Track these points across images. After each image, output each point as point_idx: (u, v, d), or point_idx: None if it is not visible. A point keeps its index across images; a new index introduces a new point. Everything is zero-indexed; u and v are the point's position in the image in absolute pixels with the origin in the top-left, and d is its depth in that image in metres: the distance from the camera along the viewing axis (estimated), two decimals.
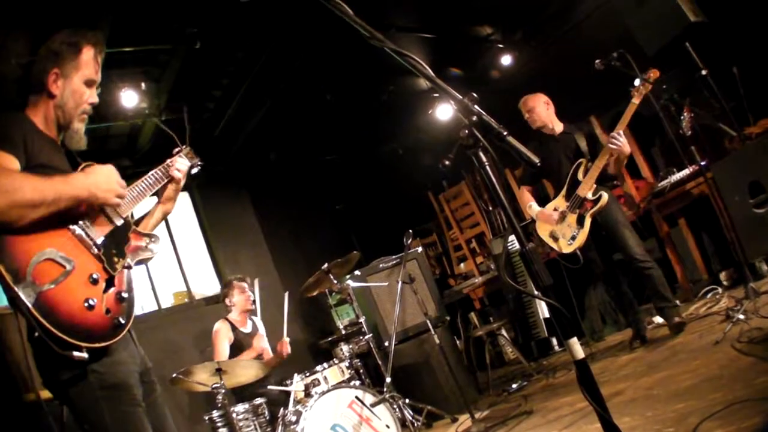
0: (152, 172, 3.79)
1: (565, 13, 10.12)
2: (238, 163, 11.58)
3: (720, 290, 7.48)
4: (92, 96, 3.53)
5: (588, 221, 6.83)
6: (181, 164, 3.91)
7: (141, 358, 3.45)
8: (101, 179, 3.25)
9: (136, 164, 9.98)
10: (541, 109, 7.36)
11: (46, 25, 6.65)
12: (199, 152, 4.27)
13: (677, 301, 7.58)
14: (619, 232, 6.93)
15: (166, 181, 3.84)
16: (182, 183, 3.94)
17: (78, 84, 3.45)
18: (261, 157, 12.02)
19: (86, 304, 2.96)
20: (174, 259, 10.67)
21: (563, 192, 7.12)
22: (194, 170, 4.36)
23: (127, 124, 9.25)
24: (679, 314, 6.76)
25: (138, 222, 3.80)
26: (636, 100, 6.55)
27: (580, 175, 6.97)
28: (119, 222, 3.44)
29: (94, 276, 3.08)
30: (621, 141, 6.59)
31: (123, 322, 3.12)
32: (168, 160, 3.92)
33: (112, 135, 9.65)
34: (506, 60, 10.97)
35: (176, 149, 4.20)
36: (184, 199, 11.24)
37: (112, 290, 3.15)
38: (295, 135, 11.83)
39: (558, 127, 7.39)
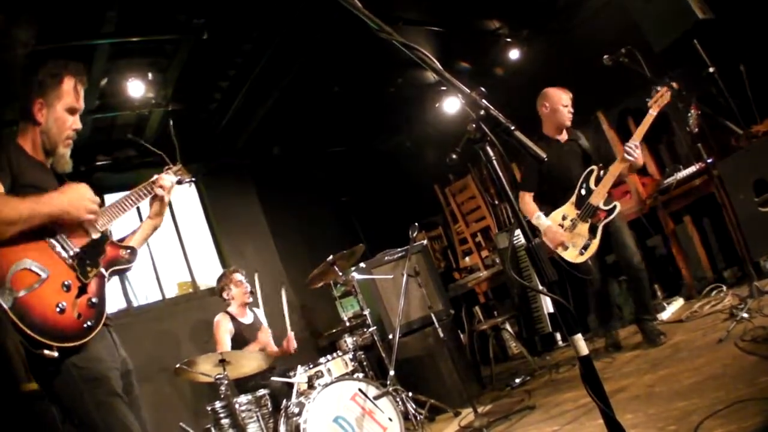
0: (136, 188, 4.08)
1: (574, 8, 10.11)
2: (244, 155, 11.58)
3: (724, 288, 7.47)
4: (75, 123, 3.83)
5: (600, 231, 6.81)
6: (166, 181, 4.18)
7: (122, 360, 3.72)
8: (74, 197, 3.51)
9: (142, 154, 9.97)
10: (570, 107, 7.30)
11: (52, 16, 6.72)
12: (205, 144, 4.33)
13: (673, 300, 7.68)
14: (622, 237, 6.95)
15: (150, 197, 4.11)
16: (167, 199, 4.21)
17: (60, 112, 3.74)
18: (267, 149, 12.02)
19: (58, 309, 3.25)
20: (179, 249, 10.68)
21: (573, 200, 7.02)
22: (184, 185, 4.75)
23: (134, 114, 9.23)
24: (656, 327, 6.82)
25: (125, 237, 4.13)
26: (654, 112, 6.56)
27: (591, 183, 6.93)
28: (96, 235, 3.69)
29: (67, 283, 3.37)
30: (636, 153, 6.62)
31: (92, 324, 3.38)
32: (154, 176, 4.20)
33: (119, 125, 9.64)
34: (514, 54, 10.95)
35: (166, 167, 4.56)
36: (190, 190, 11.22)
37: (84, 296, 3.43)
38: (302, 127, 11.83)
39: (565, 133, 7.34)
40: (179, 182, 4.58)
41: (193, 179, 4.77)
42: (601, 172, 6.90)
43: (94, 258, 3.59)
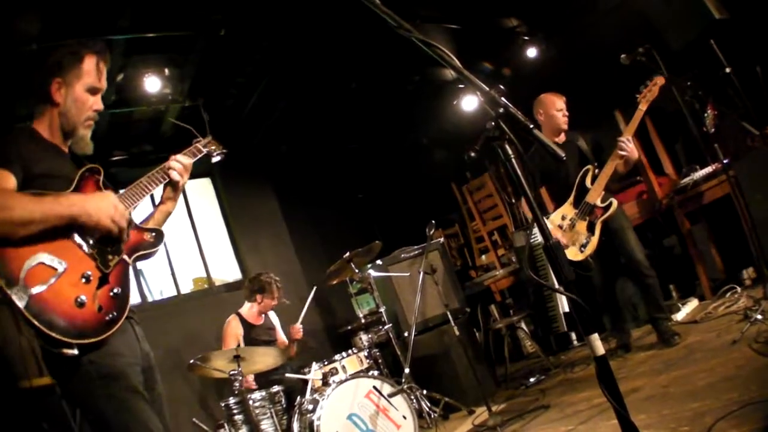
0: (150, 173, 3.85)
1: (591, 6, 10.07)
2: (261, 151, 11.59)
3: (739, 289, 7.45)
4: (96, 103, 3.67)
5: (599, 228, 6.84)
6: (177, 164, 3.94)
7: (145, 354, 3.55)
8: (98, 200, 3.32)
9: (159, 150, 10.01)
10: (564, 111, 7.34)
11: (67, 10, 6.74)
12: (221, 140, 4.29)
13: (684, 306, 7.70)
14: (625, 237, 6.98)
15: (164, 182, 3.89)
16: (183, 182, 3.98)
17: (80, 92, 3.58)
18: (284, 145, 12.03)
19: (77, 303, 3.08)
20: (194, 245, 10.70)
21: (571, 199, 7.08)
22: (216, 158, 4.53)
23: (150, 109, 9.27)
24: (670, 328, 6.81)
25: (143, 222, 3.90)
26: (643, 107, 6.64)
27: (587, 182, 6.97)
28: None
29: (86, 274, 3.19)
30: (629, 147, 6.66)
31: (114, 317, 3.22)
32: (167, 162, 3.95)
33: (135, 120, 9.68)
34: (531, 52, 10.90)
35: (196, 140, 4.36)
36: (206, 186, 11.28)
37: (105, 287, 3.25)
38: (319, 123, 11.83)
39: (563, 135, 7.37)
40: (208, 155, 4.43)
41: (225, 151, 4.57)
42: (596, 171, 6.94)
43: (116, 245, 3.40)
